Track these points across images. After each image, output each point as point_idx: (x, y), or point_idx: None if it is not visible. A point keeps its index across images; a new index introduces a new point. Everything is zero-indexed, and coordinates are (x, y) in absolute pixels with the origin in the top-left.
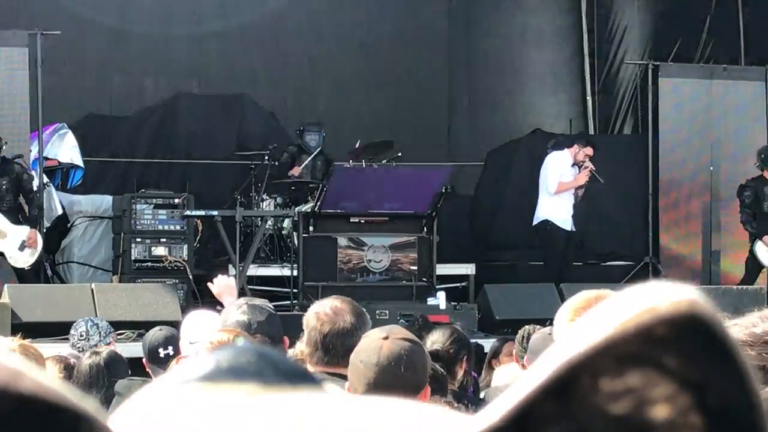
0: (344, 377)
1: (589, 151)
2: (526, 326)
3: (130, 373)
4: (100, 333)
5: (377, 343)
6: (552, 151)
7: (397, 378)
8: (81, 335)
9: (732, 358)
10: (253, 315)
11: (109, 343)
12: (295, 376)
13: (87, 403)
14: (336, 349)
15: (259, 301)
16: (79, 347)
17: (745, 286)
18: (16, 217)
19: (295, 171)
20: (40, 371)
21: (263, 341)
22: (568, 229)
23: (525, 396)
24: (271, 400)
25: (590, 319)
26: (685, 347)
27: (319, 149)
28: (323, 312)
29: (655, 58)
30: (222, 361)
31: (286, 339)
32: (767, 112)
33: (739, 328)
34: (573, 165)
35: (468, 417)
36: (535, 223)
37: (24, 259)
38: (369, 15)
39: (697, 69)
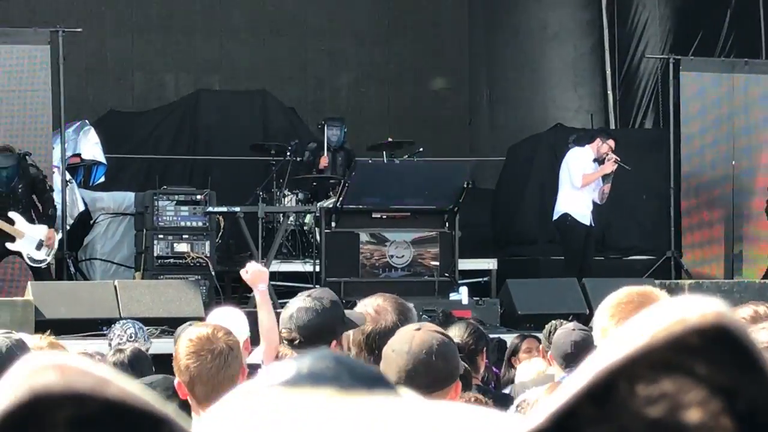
0: None
1: (611, 143)
2: (553, 321)
3: (154, 370)
4: (144, 335)
5: (410, 333)
6: (574, 146)
7: (428, 366)
8: (130, 336)
9: (759, 366)
10: (299, 312)
11: (148, 345)
12: (371, 380)
13: (168, 408)
14: (379, 349)
15: (326, 298)
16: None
17: (766, 281)
18: (31, 216)
19: (323, 162)
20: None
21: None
22: (587, 224)
23: (568, 399)
24: (349, 403)
25: (627, 329)
26: (714, 356)
27: (340, 144)
28: (366, 312)
29: (675, 52)
30: (302, 367)
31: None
32: None
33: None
34: (595, 160)
35: (517, 418)
36: (555, 217)
37: (41, 258)
38: (389, 11)
39: (718, 63)
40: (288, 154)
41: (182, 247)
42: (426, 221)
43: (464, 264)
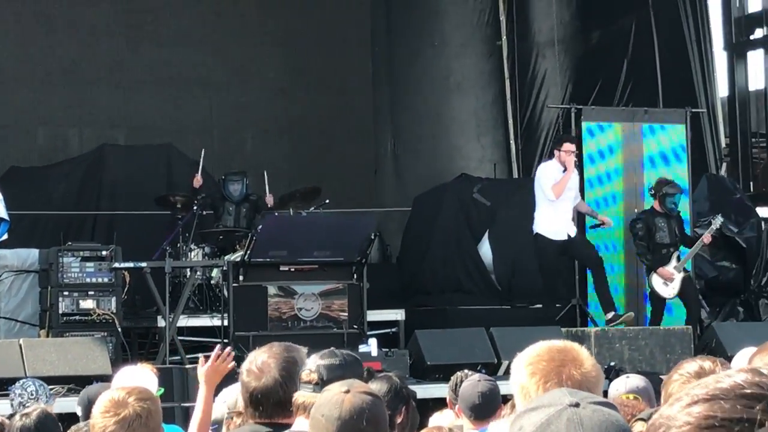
0: (282, 426)
1: (570, 147)
2: (458, 373)
3: (62, 430)
4: (46, 393)
5: (339, 396)
6: (541, 163)
7: None
8: (31, 394)
9: None
10: (323, 359)
11: (51, 403)
12: None
13: None
14: (263, 405)
15: (345, 351)
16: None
17: (672, 327)
18: None
19: (196, 181)
20: None
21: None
22: (563, 239)
23: None
24: None
25: None
26: None
27: (243, 197)
28: (251, 369)
29: (575, 101)
30: None
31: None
32: (688, 154)
33: (704, 385)
34: (564, 171)
35: None
36: (533, 233)
37: None
38: (293, 63)
39: (619, 112)
40: (194, 208)
41: (88, 303)
42: (334, 273)
43: (372, 315)
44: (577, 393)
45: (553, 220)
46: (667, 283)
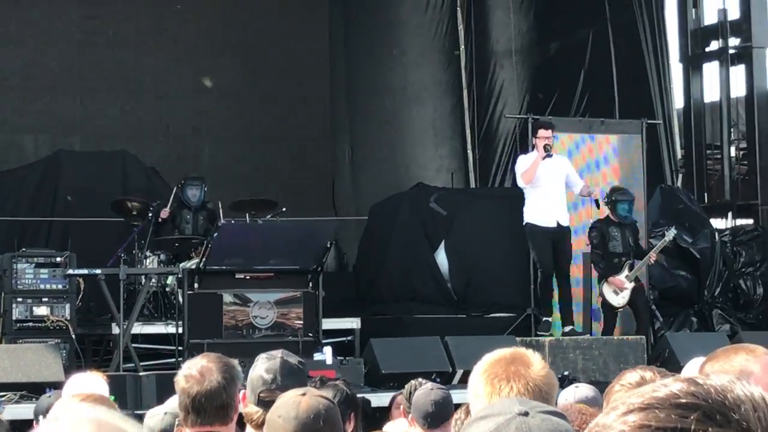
0: None
1: (544, 132)
2: (412, 381)
3: None
4: None
5: (296, 399)
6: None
7: None
8: None
9: None
10: (282, 372)
11: (1, 410)
12: None
13: None
14: (206, 410)
15: (294, 358)
16: None
17: (625, 337)
18: None
19: (163, 214)
20: None
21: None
22: (552, 226)
23: None
24: None
25: None
26: None
27: (200, 203)
28: (190, 374)
29: (533, 112)
30: None
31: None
32: (644, 164)
33: (640, 394)
34: (544, 159)
35: None
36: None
37: None
38: (251, 70)
39: (576, 122)
40: (150, 215)
41: (42, 310)
42: (289, 281)
43: (328, 323)
44: (527, 402)
45: (540, 208)
46: (618, 291)
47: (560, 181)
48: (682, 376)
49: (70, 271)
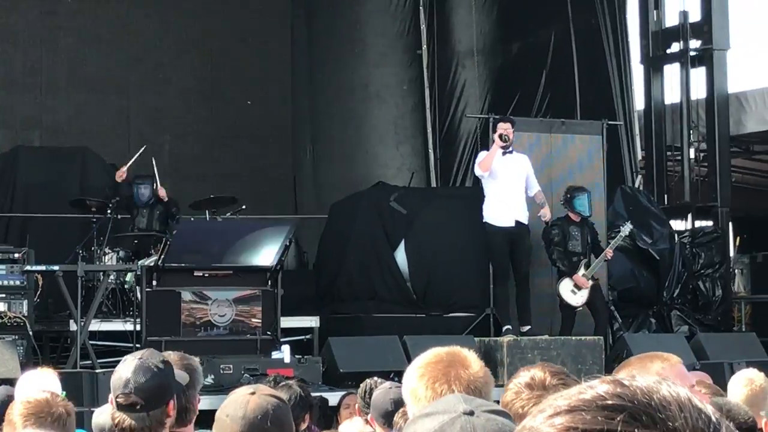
0: None
1: (504, 125)
2: (367, 380)
3: None
4: None
5: (244, 398)
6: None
7: None
8: None
9: None
10: (136, 375)
11: None
12: None
13: None
14: None
15: (157, 358)
16: None
17: (583, 337)
18: None
19: (119, 175)
20: None
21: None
22: (510, 225)
23: None
24: None
25: None
26: None
27: (151, 201)
28: None
29: (494, 111)
30: None
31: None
32: (604, 165)
33: (567, 396)
34: (504, 153)
35: None
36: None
37: None
38: (212, 67)
39: (537, 123)
40: (108, 211)
41: None
42: (248, 279)
43: (287, 322)
44: (473, 400)
45: (497, 207)
46: (575, 291)
47: (520, 178)
48: (604, 376)
49: (28, 267)
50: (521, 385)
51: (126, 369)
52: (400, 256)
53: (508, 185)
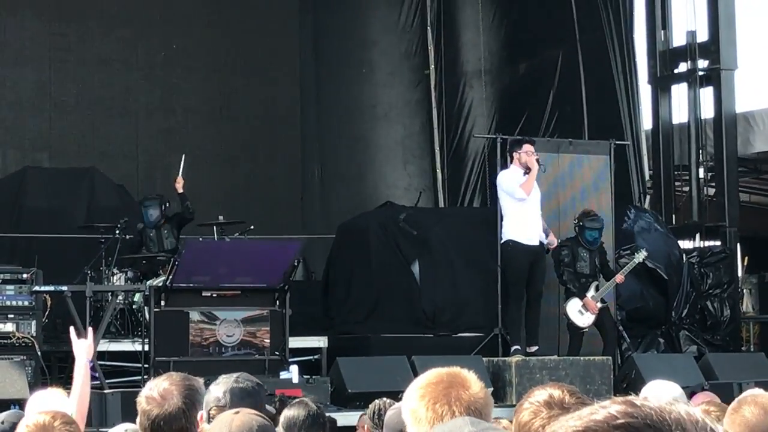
0: None
1: (530, 147)
2: (376, 401)
3: None
4: None
5: (229, 417)
6: (500, 171)
7: None
8: None
9: None
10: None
11: None
12: None
13: None
14: None
15: (245, 383)
16: None
17: (591, 357)
18: None
19: (178, 183)
20: None
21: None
22: (534, 244)
23: None
24: None
25: None
26: None
27: (159, 223)
28: (151, 396)
29: (502, 131)
30: None
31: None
32: (612, 185)
33: (578, 417)
34: (525, 173)
35: None
36: (500, 242)
37: None
38: (222, 88)
39: (544, 143)
40: (117, 232)
41: (7, 326)
42: (256, 299)
43: (295, 342)
44: (479, 423)
45: (523, 226)
46: (582, 311)
47: (539, 199)
48: (616, 397)
49: (37, 288)
50: (539, 404)
51: (223, 389)
52: (414, 276)
53: (533, 205)
